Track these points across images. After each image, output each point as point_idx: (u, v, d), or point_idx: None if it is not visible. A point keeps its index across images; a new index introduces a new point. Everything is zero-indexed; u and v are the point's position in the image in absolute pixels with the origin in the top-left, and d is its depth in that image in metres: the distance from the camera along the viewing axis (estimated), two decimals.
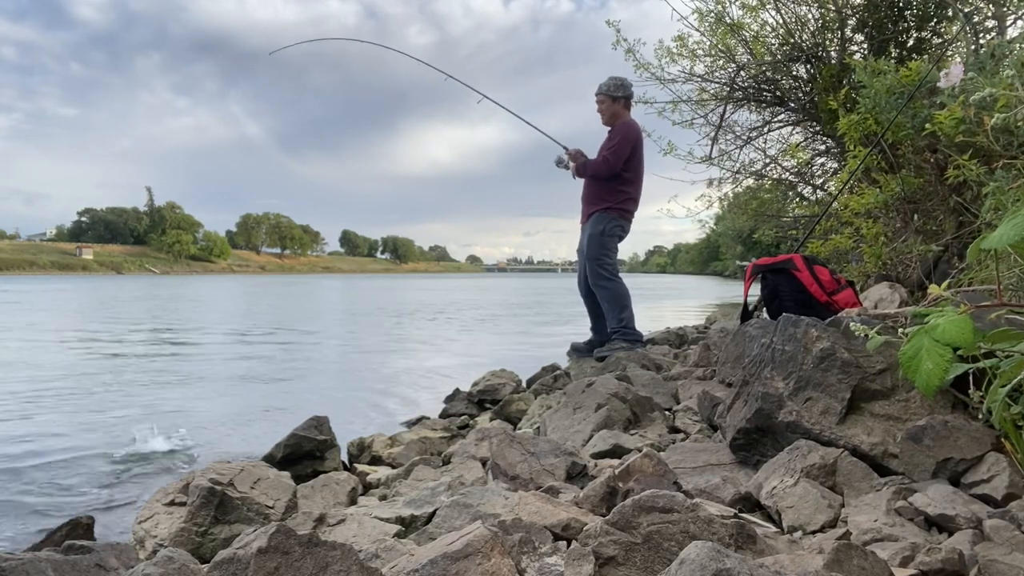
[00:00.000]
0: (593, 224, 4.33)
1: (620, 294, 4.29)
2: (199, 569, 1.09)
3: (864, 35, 4.76)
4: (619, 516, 1.01)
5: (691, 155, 5.70)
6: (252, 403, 3.88)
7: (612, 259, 4.36)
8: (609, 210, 4.32)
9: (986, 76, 2.22)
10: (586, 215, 4.41)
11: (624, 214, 4.38)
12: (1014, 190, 2.09)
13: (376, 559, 1.16)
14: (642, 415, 2.28)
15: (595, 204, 4.34)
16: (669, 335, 5.53)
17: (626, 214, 4.39)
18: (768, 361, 1.66)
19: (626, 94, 4.39)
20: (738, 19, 5.15)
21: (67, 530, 1.63)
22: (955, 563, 0.93)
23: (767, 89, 5.41)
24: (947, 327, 1.04)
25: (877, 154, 3.43)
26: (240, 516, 1.56)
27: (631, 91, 4.42)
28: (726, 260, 43.86)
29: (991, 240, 1.07)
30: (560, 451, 1.69)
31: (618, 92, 4.35)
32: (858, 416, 1.51)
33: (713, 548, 0.80)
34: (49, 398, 4.01)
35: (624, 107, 4.40)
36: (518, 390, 3.48)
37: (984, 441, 1.28)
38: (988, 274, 2.30)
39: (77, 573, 1.17)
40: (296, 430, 2.36)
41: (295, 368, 5.38)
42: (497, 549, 0.97)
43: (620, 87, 4.36)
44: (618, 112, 4.38)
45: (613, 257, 4.37)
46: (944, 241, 3.23)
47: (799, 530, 1.20)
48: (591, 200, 4.36)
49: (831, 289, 2.71)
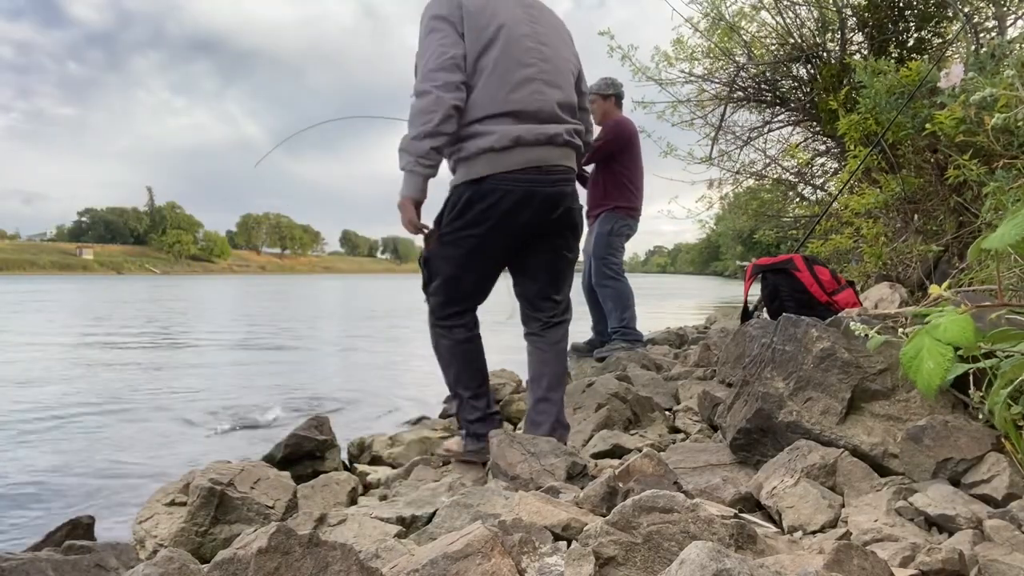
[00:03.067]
0: (601, 223, 4.34)
1: (624, 294, 4.29)
2: (199, 569, 1.09)
3: (864, 35, 4.76)
4: (619, 516, 1.01)
5: (691, 156, 5.71)
6: (253, 403, 3.88)
7: (618, 259, 4.37)
8: (618, 209, 4.33)
9: (986, 76, 2.22)
10: (593, 214, 4.41)
11: (632, 212, 4.39)
12: (1014, 190, 2.09)
13: (376, 559, 1.16)
14: (642, 415, 2.28)
15: (603, 203, 4.34)
16: (669, 335, 5.53)
17: (634, 212, 4.40)
18: (768, 361, 1.66)
19: (616, 92, 4.41)
20: (736, 21, 5.15)
21: (67, 530, 1.62)
22: (955, 563, 0.93)
23: (767, 89, 5.41)
24: (948, 327, 1.04)
25: (877, 154, 3.44)
26: (240, 516, 1.56)
27: (622, 89, 4.45)
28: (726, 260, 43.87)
29: (991, 240, 1.07)
30: (560, 451, 1.69)
31: (608, 91, 4.37)
32: (858, 416, 1.51)
33: (713, 548, 0.80)
34: (49, 401, 4.01)
35: (615, 105, 4.42)
36: (518, 390, 3.48)
37: (984, 441, 1.28)
38: (988, 274, 2.30)
39: (77, 573, 1.17)
40: (296, 430, 2.36)
41: (295, 368, 5.38)
42: (497, 549, 0.97)
43: (610, 85, 4.39)
44: (609, 110, 4.40)
45: (619, 257, 4.38)
46: (944, 241, 3.23)
47: (799, 530, 1.20)
48: (599, 199, 4.36)
49: (831, 289, 2.71)
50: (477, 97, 1.85)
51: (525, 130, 1.86)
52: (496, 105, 1.85)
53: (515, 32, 1.87)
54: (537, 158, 1.88)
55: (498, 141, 1.83)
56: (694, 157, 5.71)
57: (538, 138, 1.88)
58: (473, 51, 1.83)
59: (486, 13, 1.84)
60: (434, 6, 1.86)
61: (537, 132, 1.88)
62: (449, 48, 1.80)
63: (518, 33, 1.88)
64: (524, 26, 1.90)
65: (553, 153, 1.92)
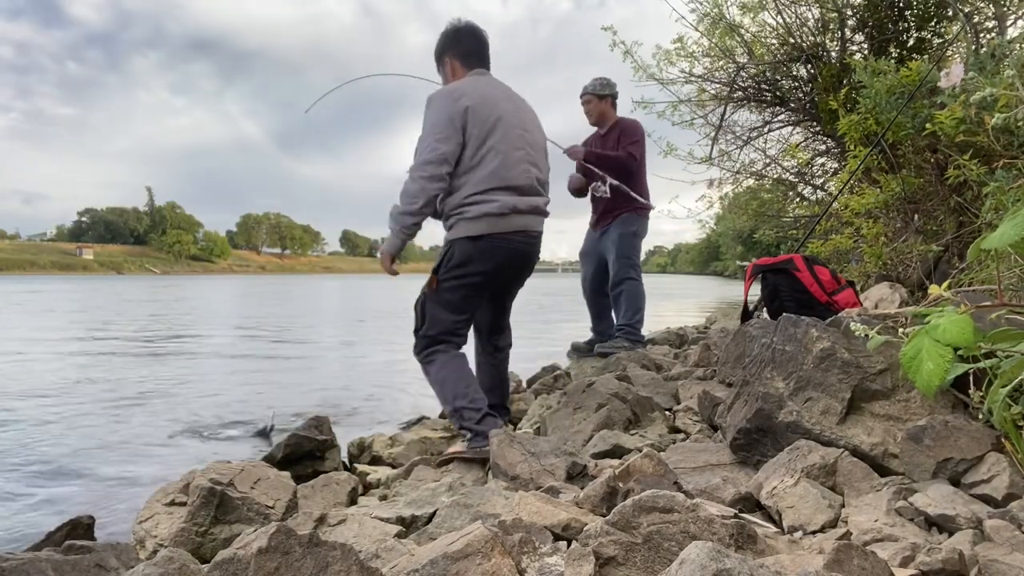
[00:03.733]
0: (625, 223, 4.35)
1: (640, 294, 4.33)
2: (199, 569, 1.09)
3: (864, 35, 4.76)
4: (619, 516, 1.01)
5: (691, 156, 5.70)
6: (253, 403, 3.88)
7: (639, 259, 4.41)
8: (639, 210, 4.35)
9: (986, 76, 2.22)
10: (612, 215, 4.40)
11: (647, 212, 4.42)
12: (1014, 190, 2.09)
13: (376, 559, 1.16)
14: (642, 415, 2.28)
15: (624, 205, 4.34)
16: (669, 335, 5.53)
17: (647, 213, 4.43)
18: (768, 361, 1.66)
19: (612, 92, 4.43)
20: (737, 20, 5.15)
21: (67, 530, 1.63)
22: (955, 563, 0.93)
23: (767, 89, 5.41)
24: (947, 327, 1.04)
25: (877, 154, 3.43)
26: (240, 516, 1.56)
27: (616, 90, 4.46)
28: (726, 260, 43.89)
29: (991, 240, 1.07)
30: (560, 451, 1.69)
31: (604, 91, 4.38)
32: (858, 416, 1.51)
33: (713, 548, 0.80)
34: (49, 401, 4.01)
35: (611, 105, 4.43)
36: (518, 390, 3.48)
37: (984, 441, 1.28)
38: (988, 274, 2.30)
39: (77, 573, 1.17)
40: (296, 430, 2.37)
41: (295, 368, 5.38)
42: (497, 549, 0.97)
43: (606, 85, 4.40)
44: (606, 111, 4.41)
45: (639, 257, 4.42)
46: (944, 241, 3.23)
47: (799, 530, 1.20)
48: (620, 201, 4.35)
49: (831, 289, 2.71)
50: (482, 172, 2.26)
51: (519, 201, 2.31)
52: (497, 180, 2.27)
53: (509, 122, 2.32)
54: (525, 224, 2.35)
55: (499, 208, 2.26)
56: (694, 157, 5.71)
57: (527, 208, 2.34)
58: (479, 137, 2.26)
59: (487, 107, 2.27)
60: (440, 104, 2.25)
61: (527, 203, 2.34)
62: (441, 145, 2.22)
63: (511, 123, 2.33)
64: (514, 117, 2.35)
65: (535, 221, 2.41)
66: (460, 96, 2.26)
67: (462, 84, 2.32)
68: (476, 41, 2.44)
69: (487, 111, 2.27)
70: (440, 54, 2.49)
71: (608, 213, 4.42)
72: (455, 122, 2.22)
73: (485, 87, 2.33)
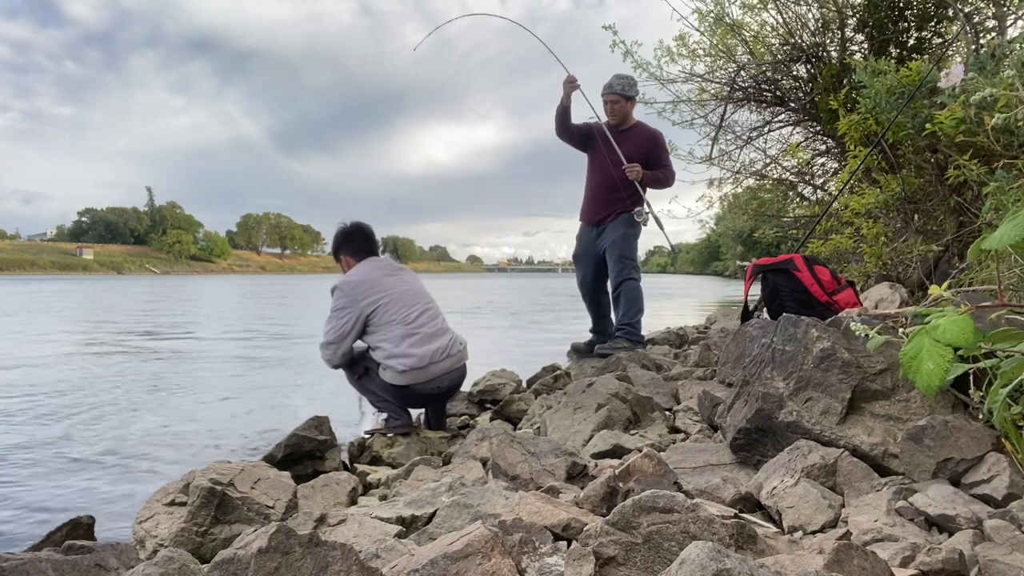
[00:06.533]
0: (625, 224, 4.36)
1: (640, 295, 4.34)
2: (199, 569, 1.09)
3: (864, 35, 4.76)
4: (619, 516, 1.01)
5: (691, 155, 5.71)
6: (253, 403, 3.88)
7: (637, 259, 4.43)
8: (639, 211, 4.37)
9: (986, 76, 2.22)
10: (613, 214, 4.39)
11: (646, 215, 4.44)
12: (1015, 190, 2.09)
13: (376, 559, 1.16)
14: (642, 415, 2.28)
15: (627, 204, 4.34)
16: (669, 335, 5.53)
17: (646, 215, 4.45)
18: (768, 361, 1.66)
19: (637, 93, 4.42)
20: (738, 19, 5.15)
21: (67, 530, 1.62)
22: (955, 563, 0.93)
23: (767, 89, 5.41)
24: (948, 327, 1.04)
25: (877, 154, 3.44)
26: (240, 516, 1.56)
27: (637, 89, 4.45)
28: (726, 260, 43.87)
29: (991, 240, 1.07)
30: (560, 451, 1.69)
31: (631, 91, 4.37)
32: (858, 416, 1.51)
33: (713, 548, 0.80)
34: (49, 401, 4.01)
35: (632, 106, 4.42)
36: (518, 390, 3.48)
37: (984, 441, 1.28)
38: (988, 274, 2.30)
39: (77, 573, 1.17)
40: (296, 430, 2.36)
41: (295, 368, 5.38)
42: (497, 549, 0.97)
43: (633, 86, 4.38)
44: (629, 112, 4.39)
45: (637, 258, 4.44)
46: (944, 241, 3.23)
47: (799, 530, 1.20)
48: (616, 201, 4.35)
49: (831, 289, 2.71)
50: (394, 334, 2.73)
51: (433, 350, 2.75)
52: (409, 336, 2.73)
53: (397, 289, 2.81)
54: (442, 369, 2.78)
55: (419, 362, 2.71)
56: (694, 156, 5.71)
57: (441, 355, 2.77)
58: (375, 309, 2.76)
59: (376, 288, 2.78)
60: (340, 297, 2.78)
61: (436, 349, 2.76)
62: (343, 326, 2.76)
63: (399, 290, 2.82)
64: (399, 284, 2.85)
65: (449, 361, 2.81)
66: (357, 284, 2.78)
67: (357, 272, 2.85)
68: (363, 236, 2.97)
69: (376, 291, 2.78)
70: (336, 252, 3.04)
71: (603, 213, 4.42)
72: (350, 306, 2.75)
73: (374, 271, 2.85)
